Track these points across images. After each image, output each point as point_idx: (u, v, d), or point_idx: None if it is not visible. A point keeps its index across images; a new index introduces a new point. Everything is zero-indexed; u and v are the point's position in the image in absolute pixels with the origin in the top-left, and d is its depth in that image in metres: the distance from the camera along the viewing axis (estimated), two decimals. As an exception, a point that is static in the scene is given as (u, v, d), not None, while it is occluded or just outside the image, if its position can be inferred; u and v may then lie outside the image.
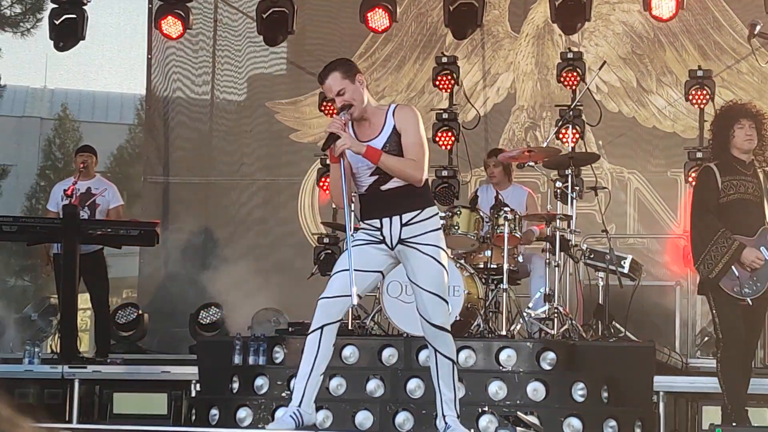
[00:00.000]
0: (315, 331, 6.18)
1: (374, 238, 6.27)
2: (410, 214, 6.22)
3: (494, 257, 8.87)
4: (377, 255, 6.27)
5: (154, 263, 13.13)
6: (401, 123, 6.20)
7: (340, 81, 6.18)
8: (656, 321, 9.76)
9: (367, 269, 6.25)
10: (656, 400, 8.14)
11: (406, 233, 6.22)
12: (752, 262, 7.03)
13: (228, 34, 13.32)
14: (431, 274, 6.22)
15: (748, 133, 7.15)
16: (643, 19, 12.11)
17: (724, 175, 7.17)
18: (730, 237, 7.06)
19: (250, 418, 7.82)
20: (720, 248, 7.07)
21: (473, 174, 12.10)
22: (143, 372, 9.42)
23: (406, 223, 6.22)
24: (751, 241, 7.07)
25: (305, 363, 6.18)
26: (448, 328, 6.30)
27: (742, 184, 7.15)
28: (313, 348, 6.17)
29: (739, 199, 7.13)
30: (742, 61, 11.69)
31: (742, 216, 7.12)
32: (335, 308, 6.17)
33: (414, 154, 6.18)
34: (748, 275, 7.04)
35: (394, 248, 6.25)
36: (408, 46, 12.85)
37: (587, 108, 10.84)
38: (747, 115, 7.20)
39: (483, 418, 7.48)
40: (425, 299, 6.23)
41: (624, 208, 12.03)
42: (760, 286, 7.05)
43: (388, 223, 6.23)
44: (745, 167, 7.20)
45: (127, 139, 27.98)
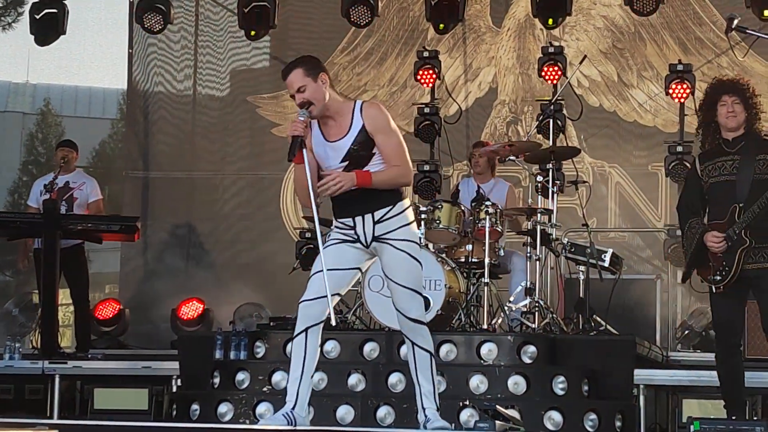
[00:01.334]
0: (300, 335, 6.24)
1: (349, 237, 6.30)
2: (382, 211, 6.26)
3: (475, 251, 8.89)
4: (353, 252, 6.31)
5: (136, 258, 13.12)
6: (373, 125, 6.20)
7: (301, 78, 6.19)
8: (637, 314, 9.79)
9: (344, 267, 6.30)
10: (636, 393, 8.17)
11: (380, 230, 6.26)
12: (710, 246, 6.89)
13: (210, 29, 13.29)
14: (406, 269, 6.26)
15: (730, 110, 6.98)
16: (623, 14, 12.13)
17: (703, 162, 7.07)
18: (698, 226, 6.97)
19: (231, 413, 7.83)
20: (688, 240, 7.02)
21: (455, 168, 12.11)
22: (124, 367, 9.40)
23: (378, 221, 6.26)
24: (723, 223, 6.92)
25: (295, 367, 6.23)
26: (425, 321, 6.34)
27: (720, 165, 6.99)
28: (300, 351, 6.22)
29: (716, 182, 7.00)
30: (722, 55, 11.72)
31: (720, 199, 6.97)
32: (316, 309, 6.22)
33: (398, 159, 6.21)
34: (720, 261, 6.90)
35: (369, 246, 6.28)
36: (390, 40, 12.85)
37: (568, 102, 10.86)
38: (728, 91, 7.02)
39: (464, 412, 7.51)
40: (401, 294, 6.28)
41: (605, 202, 12.05)
42: (728, 270, 6.90)
43: (361, 222, 6.26)
44: (730, 146, 7.01)
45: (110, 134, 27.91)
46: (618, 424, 7.74)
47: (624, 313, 9.60)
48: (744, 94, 7.03)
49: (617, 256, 9.39)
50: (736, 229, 6.87)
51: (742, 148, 7.00)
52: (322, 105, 6.21)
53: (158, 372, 9.14)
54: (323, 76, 6.21)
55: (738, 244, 6.86)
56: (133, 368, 9.32)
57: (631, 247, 11.71)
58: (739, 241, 6.86)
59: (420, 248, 6.36)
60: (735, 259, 6.86)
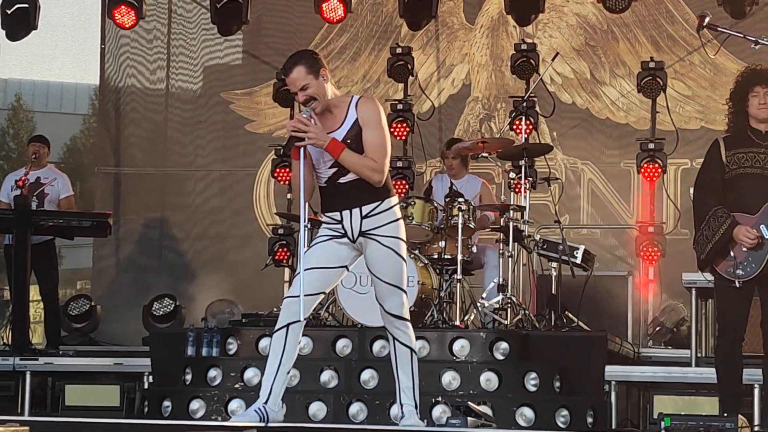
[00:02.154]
0: (281, 330, 6.22)
1: (336, 233, 6.29)
2: (370, 206, 6.25)
3: (448, 248, 8.89)
4: (340, 250, 6.30)
5: (108, 254, 13.08)
6: (364, 117, 6.20)
7: (304, 76, 6.17)
8: (609, 311, 9.81)
9: (331, 266, 6.29)
10: (608, 389, 8.20)
11: (367, 225, 6.25)
12: (741, 240, 6.70)
13: (183, 24, 13.26)
14: (390, 265, 6.26)
15: (762, 102, 6.81)
16: (596, 11, 12.16)
17: (730, 149, 6.87)
18: (724, 215, 6.77)
19: (203, 409, 7.81)
20: (712, 228, 6.78)
21: (428, 165, 12.12)
22: (96, 364, 9.37)
23: (366, 215, 6.25)
24: (752, 218, 6.75)
25: (272, 361, 6.22)
26: (407, 317, 6.35)
27: (751, 157, 6.82)
28: (279, 346, 6.20)
29: (744, 174, 6.81)
30: (694, 52, 11.77)
31: (748, 191, 6.79)
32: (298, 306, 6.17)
33: (376, 155, 6.19)
34: (745, 256, 6.75)
35: (356, 240, 6.27)
36: (363, 36, 12.85)
37: (541, 99, 10.88)
38: (762, 81, 6.84)
39: (436, 408, 7.52)
40: (383, 290, 6.28)
41: (577, 198, 12.08)
42: (754, 268, 6.74)
43: (348, 216, 6.25)
44: (762, 137, 6.85)
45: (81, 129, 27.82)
46: (590, 420, 7.77)
47: (596, 310, 9.62)
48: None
49: (589, 252, 9.41)
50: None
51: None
52: (324, 101, 6.20)
53: (130, 368, 9.11)
54: (324, 72, 6.20)
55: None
56: (104, 365, 9.30)
57: (602, 244, 11.74)
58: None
59: (405, 246, 6.36)
60: (764, 258, 6.71)
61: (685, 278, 8.65)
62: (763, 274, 6.81)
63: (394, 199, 6.35)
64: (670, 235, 10.70)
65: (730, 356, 6.96)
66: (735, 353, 6.95)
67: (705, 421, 6.55)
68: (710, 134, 10.59)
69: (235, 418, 6.48)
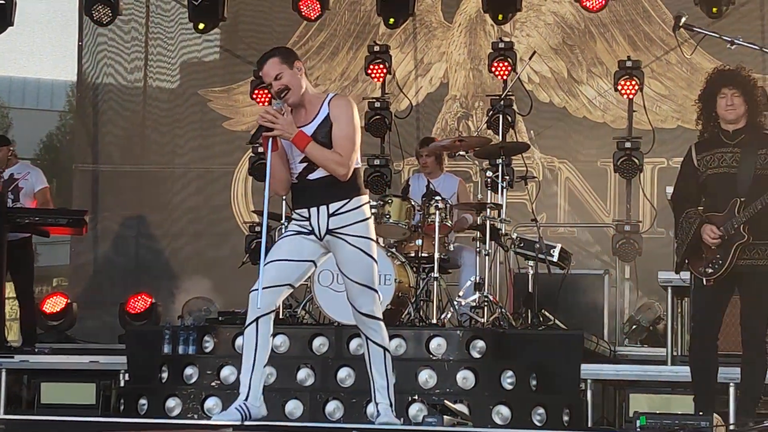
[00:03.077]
0: (251, 325, 6.23)
1: (304, 229, 6.30)
2: (337, 204, 6.26)
3: (425, 246, 8.90)
4: (307, 245, 6.30)
5: (86, 252, 13.04)
6: (335, 113, 6.23)
7: (278, 66, 6.22)
8: (585, 309, 9.84)
9: (298, 259, 6.29)
10: (584, 387, 8.22)
11: (334, 223, 6.26)
12: (705, 239, 6.79)
13: (160, 21, 13.22)
14: (359, 266, 6.27)
15: (729, 103, 6.84)
16: (574, 10, 12.19)
17: (701, 152, 6.93)
18: (694, 216, 6.85)
19: (180, 407, 7.80)
20: (684, 230, 6.88)
21: (405, 163, 12.13)
22: (72, 362, 9.33)
23: (333, 213, 6.25)
24: (721, 216, 6.82)
25: (247, 357, 6.23)
26: (379, 316, 6.35)
27: (719, 157, 6.88)
28: (252, 341, 6.21)
29: (713, 174, 6.88)
30: (671, 52, 11.81)
31: (717, 191, 6.86)
32: (267, 299, 6.20)
33: (342, 149, 6.21)
34: (714, 253, 6.81)
35: (323, 239, 6.27)
36: (341, 34, 12.85)
37: (518, 98, 10.90)
38: (729, 83, 6.88)
39: (413, 407, 7.52)
40: (354, 290, 6.29)
41: (554, 197, 12.11)
42: (722, 264, 6.80)
43: (316, 213, 6.26)
44: (730, 137, 6.89)
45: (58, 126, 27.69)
46: (565, 419, 7.79)
47: (572, 308, 9.65)
48: (745, 86, 6.90)
49: (566, 251, 9.44)
50: (735, 224, 6.78)
51: (742, 141, 6.89)
52: (298, 92, 6.24)
53: (106, 366, 9.08)
54: (298, 64, 6.26)
55: (735, 238, 6.78)
56: (80, 362, 9.26)
57: (579, 243, 11.77)
58: (737, 235, 6.78)
59: (375, 245, 6.36)
60: (730, 254, 6.79)
61: (661, 277, 8.69)
62: (738, 271, 6.85)
63: (365, 198, 6.35)
64: (646, 233, 10.74)
65: (704, 355, 7.00)
66: (709, 352, 6.98)
67: (680, 419, 6.57)
68: (687, 133, 10.63)
69: (216, 417, 6.47)
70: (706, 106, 6.98)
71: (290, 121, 6.18)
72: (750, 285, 6.89)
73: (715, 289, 6.90)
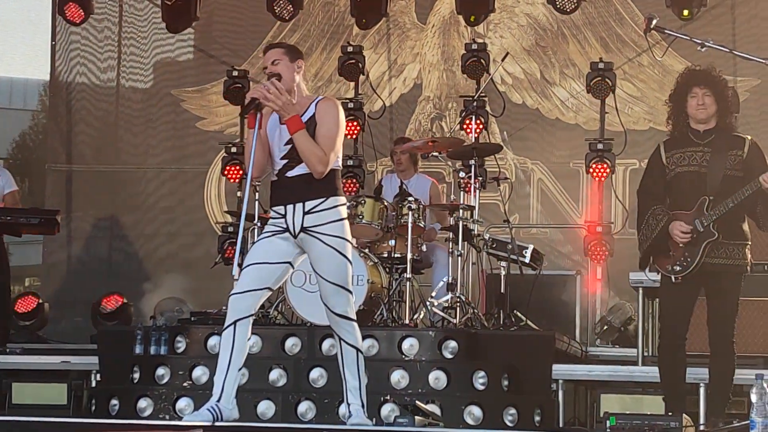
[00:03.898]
0: (228, 327, 6.25)
1: (279, 228, 6.33)
2: (314, 202, 6.29)
3: (398, 247, 8.92)
4: (283, 246, 6.33)
5: (59, 252, 12.99)
6: (321, 113, 6.32)
7: (279, 54, 6.41)
8: (557, 310, 9.88)
9: (275, 261, 6.32)
10: (555, 388, 8.25)
11: (309, 221, 6.29)
12: (674, 236, 6.81)
13: (134, 21, 13.19)
14: (333, 265, 6.29)
15: (700, 102, 6.87)
16: (546, 12, 12.22)
17: (670, 150, 6.98)
18: (661, 213, 6.88)
19: (151, 408, 7.79)
20: (650, 226, 6.91)
21: (379, 164, 12.14)
22: (43, 362, 9.30)
23: (309, 211, 6.29)
24: (689, 215, 6.85)
25: (222, 359, 6.25)
26: (353, 317, 6.37)
27: (689, 155, 6.91)
28: (228, 344, 6.24)
29: (681, 172, 6.91)
30: (643, 53, 11.86)
31: (686, 189, 6.89)
32: (246, 303, 6.24)
33: (325, 147, 6.27)
34: (682, 251, 6.84)
35: (297, 236, 6.28)
36: (315, 35, 12.85)
37: (491, 99, 10.92)
38: (700, 83, 6.90)
39: (385, 407, 7.54)
40: (327, 290, 6.31)
41: (527, 198, 12.14)
42: (690, 262, 6.83)
43: (291, 210, 6.29)
44: (700, 137, 6.93)
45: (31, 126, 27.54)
46: (537, 419, 7.82)
47: (544, 309, 9.68)
48: (716, 86, 6.94)
49: (538, 251, 9.47)
50: (705, 221, 6.81)
51: (712, 141, 6.92)
52: (289, 84, 6.36)
53: (77, 367, 9.06)
54: (299, 62, 6.44)
55: (705, 236, 6.81)
56: (52, 363, 9.23)
57: (552, 243, 11.80)
58: (707, 233, 6.81)
59: (350, 246, 6.38)
60: (699, 252, 6.82)
61: (632, 277, 8.73)
62: (706, 270, 6.89)
63: (342, 199, 6.39)
64: (618, 234, 10.79)
65: (673, 355, 7.03)
66: (677, 352, 7.02)
67: (650, 420, 6.62)
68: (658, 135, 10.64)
69: (187, 417, 6.47)
70: (677, 105, 7.02)
71: (290, 101, 6.29)
72: (717, 284, 6.93)
73: (682, 289, 6.93)
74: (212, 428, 6.03)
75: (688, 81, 7.01)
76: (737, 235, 6.91)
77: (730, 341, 6.96)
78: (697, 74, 7.02)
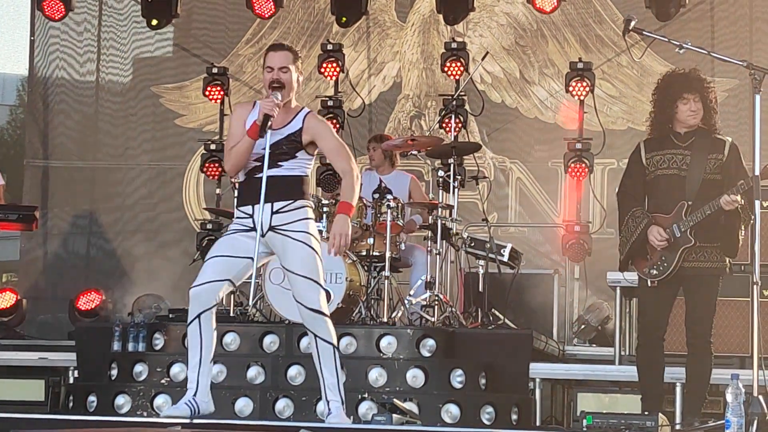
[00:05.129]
0: (193, 321, 6.31)
1: (244, 227, 6.39)
2: (282, 203, 6.38)
3: (377, 245, 8.93)
4: (246, 242, 6.38)
5: (36, 248, 12.94)
6: (316, 129, 6.43)
7: (290, 60, 6.46)
8: (534, 309, 9.90)
9: (237, 255, 6.36)
10: (533, 386, 8.28)
11: (277, 221, 6.36)
12: (651, 241, 6.85)
13: (113, 16, 13.15)
14: (304, 259, 6.34)
15: (693, 109, 6.87)
16: (526, 11, 12.24)
17: (650, 152, 6.98)
18: (641, 215, 6.90)
19: (129, 405, 7.79)
20: (630, 228, 6.93)
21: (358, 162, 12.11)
22: (20, 358, 9.29)
23: (276, 211, 6.37)
24: (668, 218, 6.88)
25: (193, 354, 6.30)
26: (326, 312, 6.39)
27: (669, 158, 6.92)
28: (196, 338, 6.29)
29: (662, 175, 6.92)
30: (622, 54, 11.90)
31: (666, 192, 6.90)
32: (207, 294, 6.30)
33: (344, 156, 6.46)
34: (659, 255, 6.87)
35: (265, 235, 6.35)
36: (295, 32, 12.83)
37: (471, 98, 10.94)
38: (691, 89, 6.89)
39: (363, 405, 7.56)
40: (300, 284, 6.34)
41: (505, 197, 12.16)
42: (667, 267, 6.86)
43: (260, 210, 6.33)
44: (681, 139, 6.93)
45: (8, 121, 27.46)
46: (514, 417, 7.85)
47: (522, 308, 9.72)
48: (702, 90, 6.93)
49: (516, 250, 9.49)
50: (682, 227, 6.84)
51: (693, 144, 6.92)
52: (288, 95, 6.43)
53: (55, 363, 9.05)
54: (300, 72, 6.52)
55: (682, 241, 6.85)
56: (29, 359, 9.22)
57: (530, 242, 11.82)
58: (684, 239, 6.85)
59: (318, 244, 6.41)
60: (676, 257, 6.85)
61: (610, 277, 8.77)
62: (683, 273, 6.93)
63: (309, 203, 6.50)
64: (596, 234, 10.80)
65: (651, 355, 7.08)
66: (655, 352, 7.06)
67: (626, 419, 6.65)
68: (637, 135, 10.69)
69: (165, 412, 6.50)
70: (664, 108, 6.99)
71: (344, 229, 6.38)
72: (695, 287, 6.97)
73: (660, 290, 6.97)
74: (191, 425, 6.03)
75: (678, 86, 6.97)
76: (715, 238, 6.94)
77: (707, 341, 7.01)
78: (686, 79, 6.99)
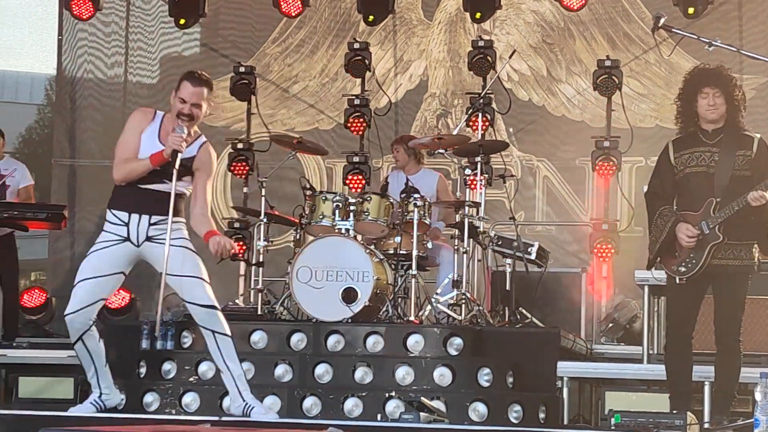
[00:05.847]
0: (77, 343, 6.73)
1: (117, 237, 6.61)
2: (160, 217, 6.58)
3: (404, 243, 8.93)
4: (117, 257, 6.64)
5: (64, 247, 13.01)
6: (202, 165, 6.75)
7: (203, 98, 6.72)
8: (562, 307, 9.87)
9: (108, 273, 6.66)
10: (560, 385, 8.27)
11: (153, 231, 6.59)
12: (680, 238, 6.85)
13: (141, 16, 13.20)
14: (187, 260, 6.60)
15: (711, 103, 6.86)
16: (553, 9, 12.22)
17: (678, 151, 6.98)
18: (669, 214, 6.90)
19: (157, 402, 7.82)
20: (659, 227, 6.93)
21: (384, 160, 12.14)
22: (50, 356, 9.32)
23: (154, 223, 6.59)
24: (696, 215, 6.88)
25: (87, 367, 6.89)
26: (217, 305, 6.65)
27: (697, 156, 6.92)
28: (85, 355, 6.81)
29: (690, 173, 6.92)
30: (649, 51, 11.85)
31: (694, 190, 6.90)
32: (83, 319, 6.65)
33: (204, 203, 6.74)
34: (688, 252, 6.86)
35: (140, 245, 6.58)
36: (321, 31, 12.85)
37: (497, 96, 10.92)
38: (711, 83, 6.88)
39: (390, 403, 7.56)
40: (186, 284, 6.61)
41: (532, 195, 12.14)
42: (695, 264, 6.85)
43: (137, 220, 6.61)
44: (709, 137, 6.93)
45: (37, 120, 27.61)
46: (542, 416, 7.84)
47: (549, 306, 9.69)
48: (726, 86, 6.92)
49: (543, 249, 9.48)
50: (710, 224, 6.83)
51: (721, 141, 6.92)
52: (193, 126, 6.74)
53: (84, 361, 9.06)
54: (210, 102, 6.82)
55: (710, 238, 6.84)
56: (58, 357, 9.25)
57: (557, 241, 11.81)
58: (712, 236, 6.83)
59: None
60: (704, 254, 6.84)
61: (638, 275, 8.73)
62: (712, 271, 6.90)
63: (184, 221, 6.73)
64: (623, 232, 10.79)
65: (679, 353, 7.05)
66: (684, 350, 7.04)
67: (655, 417, 6.63)
68: (665, 132, 10.67)
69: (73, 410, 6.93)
70: (687, 105, 7.00)
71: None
72: (723, 284, 6.94)
73: (689, 288, 6.95)
74: (220, 422, 6.07)
75: (698, 81, 6.98)
76: (744, 235, 6.91)
77: (736, 340, 6.98)
78: (707, 74, 7.00)
